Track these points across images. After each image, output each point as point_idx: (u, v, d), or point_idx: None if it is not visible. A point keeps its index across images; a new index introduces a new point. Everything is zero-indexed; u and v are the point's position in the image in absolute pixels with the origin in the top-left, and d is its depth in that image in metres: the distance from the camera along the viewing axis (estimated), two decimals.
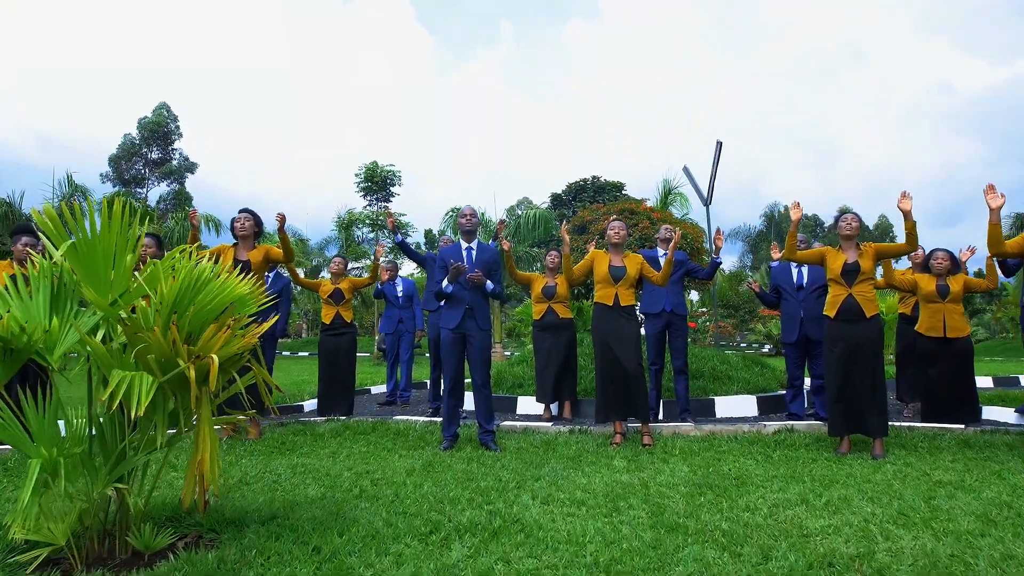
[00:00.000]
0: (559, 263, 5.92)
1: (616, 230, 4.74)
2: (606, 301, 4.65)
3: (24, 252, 4.24)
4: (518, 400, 6.44)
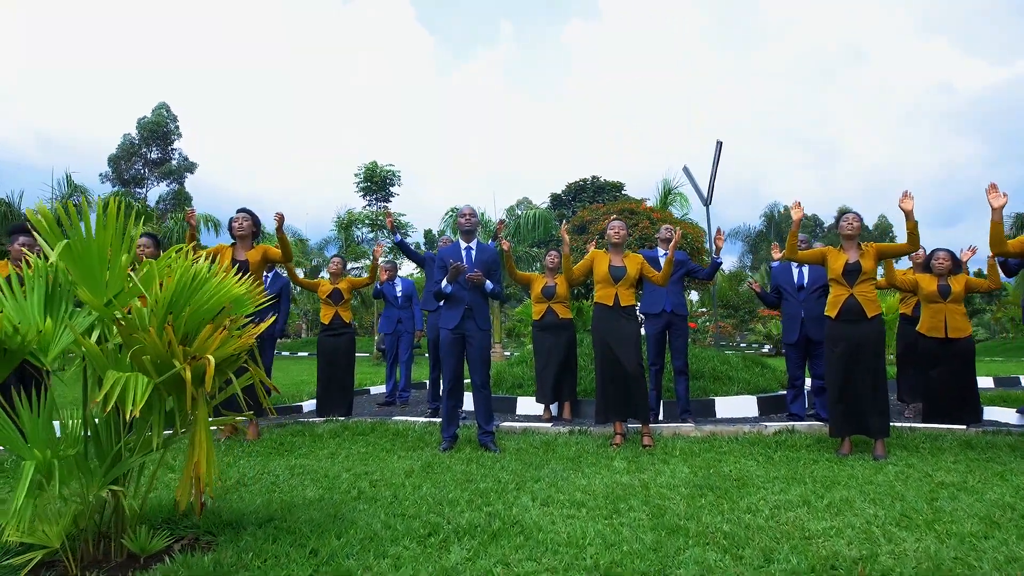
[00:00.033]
0: (559, 263, 5.90)
1: (616, 230, 4.72)
2: (606, 301, 4.63)
3: (20, 252, 4.21)
4: (518, 400, 6.42)
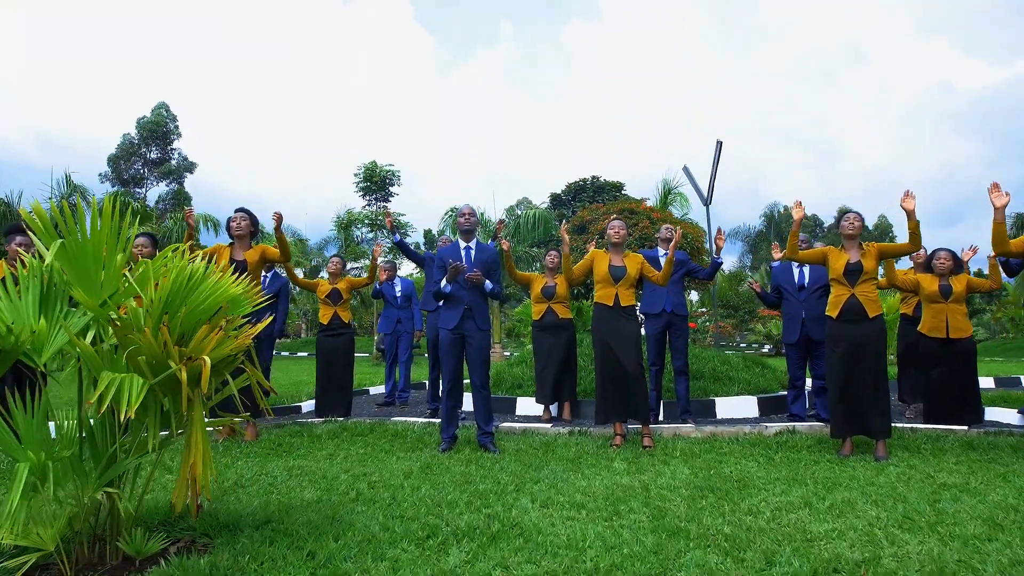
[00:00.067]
0: (559, 263, 5.88)
1: (616, 229, 4.70)
2: (606, 301, 4.61)
3: (17, 252, 4.19)
4: (517, 401, 6.40)
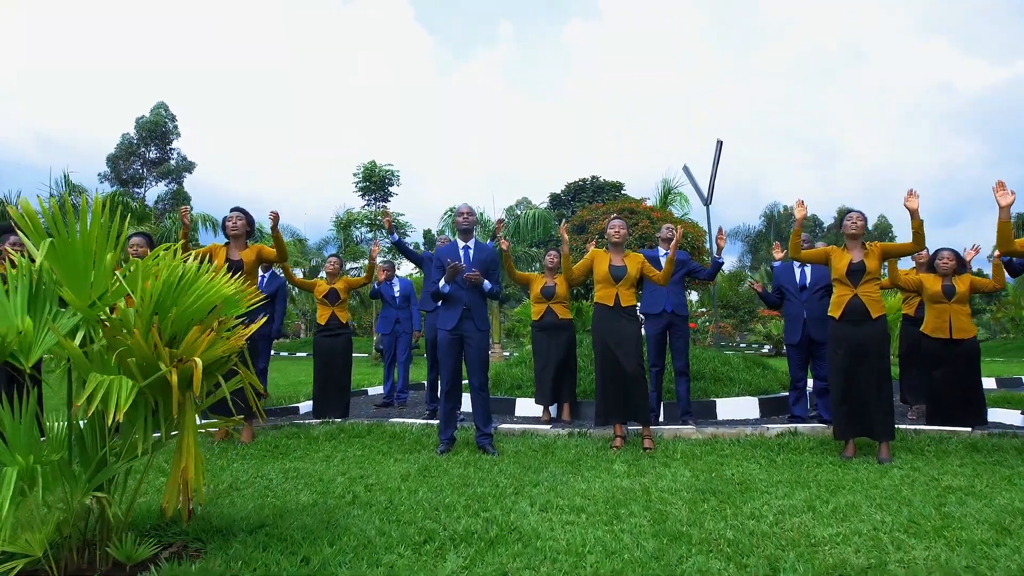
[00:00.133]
0: (558, 263, 5.83)
1: (616, 229, 4.65)
2: (606, 301, 4.56)
3: (8, 252, 4.14)
4: (516, 402, 6.35)
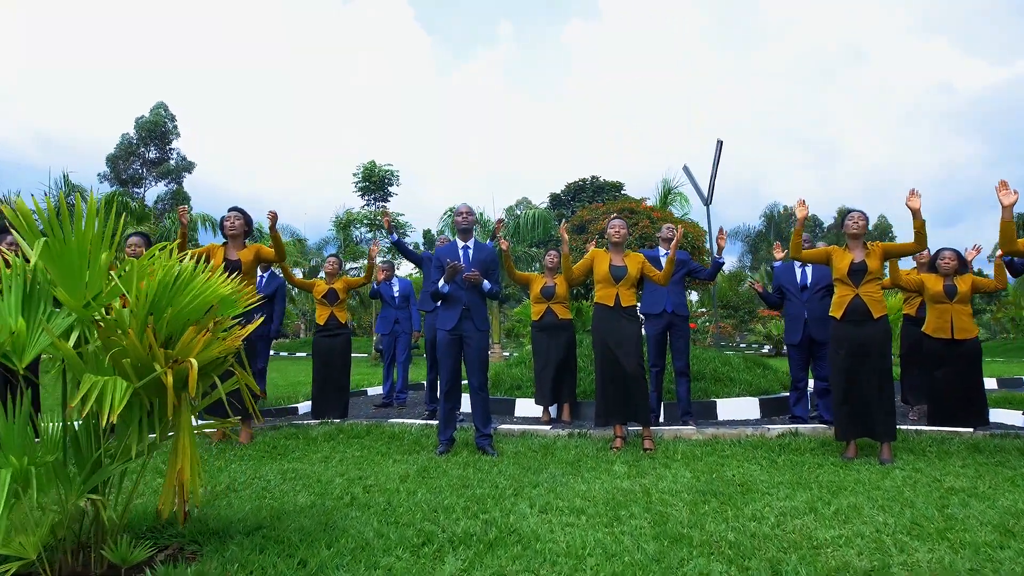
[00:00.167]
0: (558, 263, 5.81)
1: (616, 229, 4.63)
2: (607, 302, 4.54)
3: (2, 252, 4.12)
4: (516, 402, 6.32)
